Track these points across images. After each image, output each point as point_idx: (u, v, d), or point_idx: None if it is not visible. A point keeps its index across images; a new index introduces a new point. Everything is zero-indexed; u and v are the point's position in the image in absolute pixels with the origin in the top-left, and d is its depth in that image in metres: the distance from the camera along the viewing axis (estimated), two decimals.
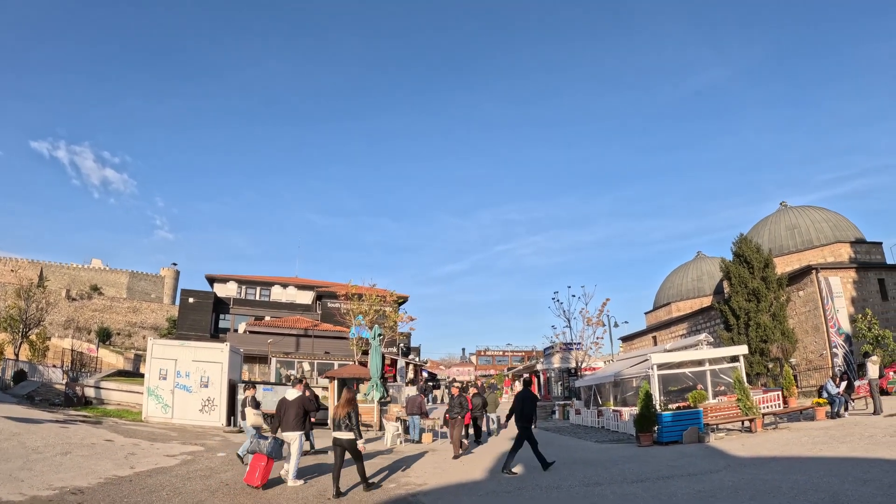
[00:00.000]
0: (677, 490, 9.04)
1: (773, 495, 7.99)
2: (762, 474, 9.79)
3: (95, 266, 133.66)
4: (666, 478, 10.31)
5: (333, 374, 24.53)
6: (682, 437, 15.92)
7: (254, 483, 10.29)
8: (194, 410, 22.12)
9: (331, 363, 33.98)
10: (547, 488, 10.02)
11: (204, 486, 10.28)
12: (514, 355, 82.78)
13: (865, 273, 35.40)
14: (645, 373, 20.71)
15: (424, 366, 59.38)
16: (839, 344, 31.74)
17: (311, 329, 41.45)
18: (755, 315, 32.50)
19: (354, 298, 38.04)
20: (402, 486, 10.74)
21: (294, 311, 51.57)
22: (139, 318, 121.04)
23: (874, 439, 12.53)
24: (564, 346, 38.09)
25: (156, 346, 23.37)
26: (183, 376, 22.40)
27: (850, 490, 7.82)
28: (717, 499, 8.12)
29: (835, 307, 32.54)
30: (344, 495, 9.60)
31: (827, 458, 10.97)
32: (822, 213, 41.18)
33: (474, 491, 10.16)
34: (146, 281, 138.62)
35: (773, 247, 38.56)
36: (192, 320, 49.42)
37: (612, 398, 25.04)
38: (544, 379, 41.22)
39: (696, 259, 54.30)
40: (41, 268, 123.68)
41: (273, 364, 34.94)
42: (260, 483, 10.28)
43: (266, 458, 10.59)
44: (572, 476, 11.23)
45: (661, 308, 54.49)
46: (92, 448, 13.61)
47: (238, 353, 26.64)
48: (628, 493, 9.11)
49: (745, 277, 33.56)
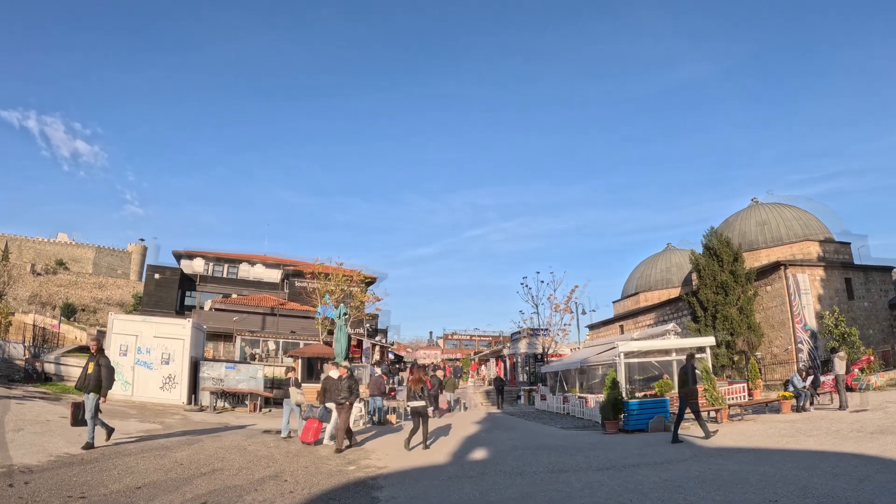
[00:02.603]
0: (644, 479, 8.86)
1: (741, 486, 7.82)
2: (729, 465, 9.66)
3: (61, 240, 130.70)
4: (632, 466, 10.15)
5: (298, 353, 24.18)
6: (649, 425, 15.88)
7: (308, 440, 13.60)
8: (155, 388, 21.67)
9: (297, 342, 33.52)
10: (511, 474, 9.79)
11: (158, 465, 9.94)
12: (482, 340, 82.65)
13: (833, 272, 35.74)
14: (612, 360, 20.67)
15: (391, 348, 59.08)
16: (805, 340, 32.07)
17: (277, 308, 40.89)
18: (723, 308, 32.68)
19: (321, 277, 37.50)
20: (362, 468, 10.45)
21: (262, 289, 50.83)
22: (105, 294, 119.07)
23: (840, 434, 12.51)
24: (532, 332, 38.10)
25: (116, 322, 22.79)
26: (144, 353, 21.91)
27: (820, 483, 7.67)
28: (684, 489, 7.93)
29: (802, 304, 32.86)
30: (409, 450, 12.68)
31: (794, 451, 10.91)
32: (793, 211, 41.50)
33: (435, 475, 9.88)
34: (113, 256, 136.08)
35: (742, 242, 38.78)
36: (158, 297, 48.46)
37: (578, 385, 25.05)
38: (510, 364, 41.18)
39: (666, 250, 54.54)
40: (6, 241, 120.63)
41: (238, 342, 34.38)
42: (312, 440, 13.63)
43: (318, 422, 13.81)
44: (537, 462, 11.03)
45: (629, 297, 54.71)
46: (46, 425, 13.24)
47: (201, 329, 26.10)
48: (594, 481, 8.90)
49: (715, 270, 33.69)
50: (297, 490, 8.47)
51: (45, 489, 7.69)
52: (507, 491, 8.46)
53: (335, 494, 8.32)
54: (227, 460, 10.71)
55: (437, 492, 8.51)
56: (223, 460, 10.68)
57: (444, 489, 8.69)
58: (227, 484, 8.70)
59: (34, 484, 7.92)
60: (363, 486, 8.95)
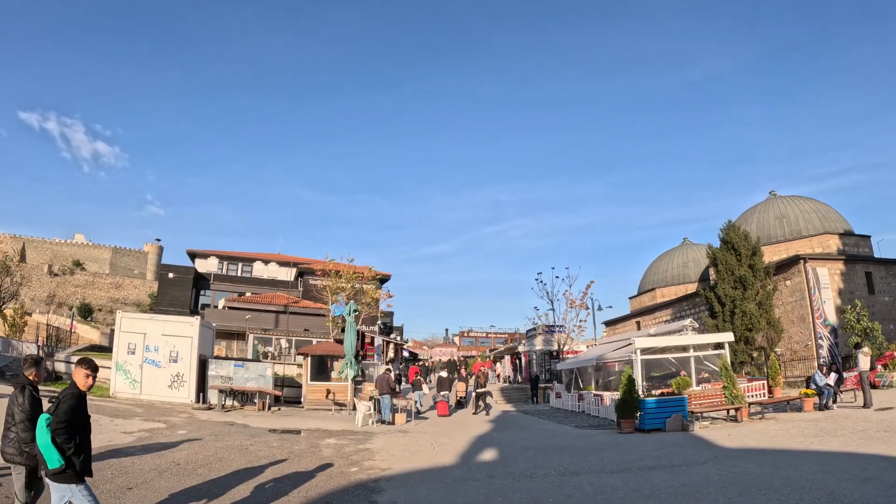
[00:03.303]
0: (660, 483, 8.38)
1: (765, 492, 7.33)
2: (751, 468, 9.15)
3: (78, 241, 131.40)
4: (648, 469, 9.67)
5: (307, 351, 23.85)
6: (666, 424, 15.36)
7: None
8: (163, 386, 21.45)
9: (309, 340, 33.22)
10: (520, 476, 9.36)
11: (154, 465, 9.66)
12: (498, 337, 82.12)
13: (853, 265, 35.02)
14: (628, 357, 20.17)
15: (406, 345, 58.70)
16: (824, 335, 31.36)
17: (290, 305, 40.70)
18: (741, 303, 31.95)
19: (332, 275, 37.22)
20: (365, 469, 10.04)
21: (275, 287, 50.68)
22: (121, 294, 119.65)
23: (867, 433, 11.93)
24: (547, 329, 37.57)
25: (124, 320, 22.62)
26: (152, 351, 21.71)
27: (849, 489, 7.16)
28: (703, 494, 7.45)
29: (821, 298, 32.13)
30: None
31: (819, 452, 10.36)
32: (812, 204, 40.71)
33: (441, 477, 9.47)
34: (129, 256, 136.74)
35: (760, 235, 38.03)
36: (172, 296, 48.42)
37: (594, 382, 24.56)
38: (526, 361, 40.66)
39: (683, 245, 53.81)
40: (23, 243, 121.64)
41: (251, 340, 34.20)
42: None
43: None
44: (548, 463, 10.58)
45: (645, 293, 54.06)
46: None
47: (210, 327, 25.89)
48: (607, 485, 8.45)
49: (732, 264, 32.97)
50: (294, 492, 8.12)
51: None
52: (514, 495, 8.04)
53: (333, 498, 7.95)
54: (227, 460, 10.36)
55: (440, 496, 8.11)
56: (222, 460, 10.33)
57: (448, 493, 8.28)
58: (223, 485, 8.36)
59: None
60: (363, 488, 8.56)
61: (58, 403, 5.10)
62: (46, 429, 4.97)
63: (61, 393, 5.26)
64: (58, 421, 4.99)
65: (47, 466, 4.99)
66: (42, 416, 5.10)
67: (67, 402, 5.15)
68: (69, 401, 5.17)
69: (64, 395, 5.21)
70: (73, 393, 5.28)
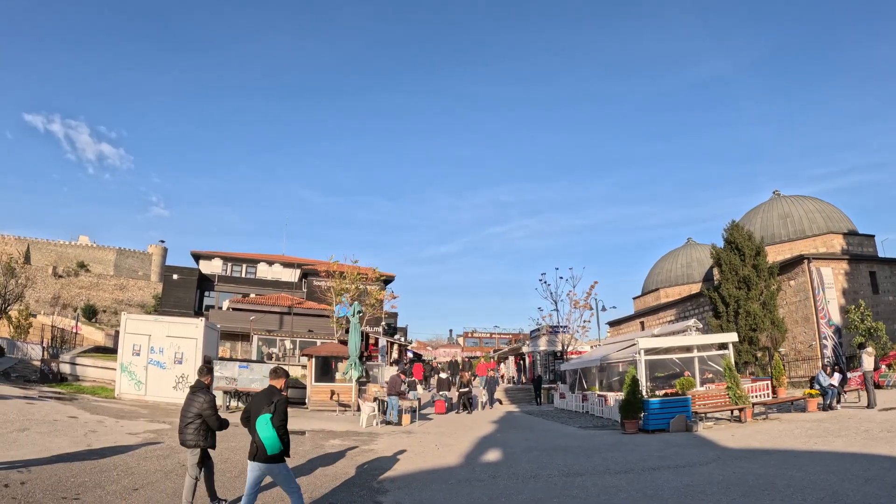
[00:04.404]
0: (664, 483, 8.41)
1: (768, 492, 7.35)
2: (754, 468, 9.17)
3: (83, 243, 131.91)
4: (652, 469, 9.69)
5: (311, 352, 23.87)
6: (670, 425, 15.37)
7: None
8: (168, 387, 21.47)
9: (313, 341, 33.24)
10: (524, 477, 9.39)
11: (159, 466, 9.72)
12: (502, 337, 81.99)
13: (857, 265, 34.92)
14: (632, 357, 20.17)
15: (410, 346, 58.71)
16: (829, 335, 31.29)
17: (294, 307, 40.75)
18: (745, 303, 31.88)
19: (336, 276, 37.26)
20: (369, 470, 10.09)
21: (279, 288, 50.78)
22: (126, 295, 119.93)
23: (871, 434, 11.93)
24: (551, 329, 37.57)
25: (129, 321, 22.64)
26: (157, 352, 21.77)
27: (852, 489, 7.18)
28: (707, 495, 7.48)
29: (826, 298, 32.06)
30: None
31: (822, 453, 10.37)
32: (816, 204, 40.61)
33: (445, 478, 9.50)
34: (134, 258, 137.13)
35: (764, 235, 37.92)
36: (176, 297, 48.58)
37: (598, 383, 24.56)
38: (529, 362, 40.66)
39: (687, 245, 53.73)
40: (28, 244, 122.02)
41: (255, 342, 34.26)
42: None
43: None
44: (552, 464, 10.60)
45: (649, 294, 53.98)
46: (53, 425, 13.12)
47: (215, 329, 25.93)
48: (610, 486, 8.47)
49: (736, 264, 32.91)
50: None
51: (40, 490, 7.55)
52: (518, 496, 8.07)
53: (338, 498, 8.00)
54: (231, 461, 10.42)
55: (444, 497, 8.15)
56: (227, 461, 10.39)
57: (452, 494, 8.32)
58: (228, 486, 8.42)
59: (30, 484, 7.77)
60: (368, 489, 8.60)
61: (275, 405, 6.32)
62: (270, 424, 6.20)
63: (275, 398, 6.44)
64: (280, 419, 6.30)
65: (266, 452, 6.22)
66: (264, 415, 6.25)
67: (283, 404, 6.44)
68: (284, 404, 6.47)
69: (279, 400, 6.43)
70: (283, 399, 6.53)
